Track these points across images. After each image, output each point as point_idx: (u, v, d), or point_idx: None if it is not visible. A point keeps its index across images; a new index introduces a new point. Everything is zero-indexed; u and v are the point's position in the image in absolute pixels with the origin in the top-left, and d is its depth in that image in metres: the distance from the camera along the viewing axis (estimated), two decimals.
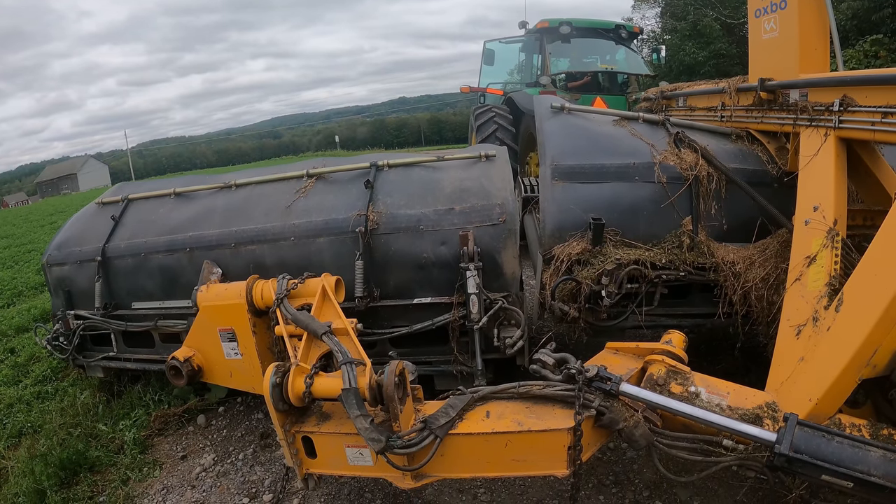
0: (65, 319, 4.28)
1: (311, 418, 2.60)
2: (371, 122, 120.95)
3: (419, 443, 2.27)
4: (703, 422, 2.23)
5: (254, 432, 4.08)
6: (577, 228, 3.51)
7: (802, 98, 3.43)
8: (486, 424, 2.38)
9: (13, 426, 4.52)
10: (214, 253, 3.85)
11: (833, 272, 2.62)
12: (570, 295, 3.45)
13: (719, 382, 2.48)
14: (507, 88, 11.11)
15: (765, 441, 2.08)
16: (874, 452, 1.95)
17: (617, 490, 3.22)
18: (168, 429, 4.28)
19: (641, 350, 2.77)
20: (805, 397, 2.29)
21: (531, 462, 2.37)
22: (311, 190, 3.99)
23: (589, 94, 9.38)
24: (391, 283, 3.62)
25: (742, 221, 3.64)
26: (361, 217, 3.60)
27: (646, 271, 3.40)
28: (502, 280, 3.50)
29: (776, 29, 3.69)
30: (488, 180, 3.69)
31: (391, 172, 3.96)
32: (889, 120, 2.74)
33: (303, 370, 2.47)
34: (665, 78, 14.56)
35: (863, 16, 18.19)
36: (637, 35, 11.07)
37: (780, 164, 3.77)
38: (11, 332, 7.05)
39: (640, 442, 2.32)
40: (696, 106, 5.12)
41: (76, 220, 4.80)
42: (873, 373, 2.24)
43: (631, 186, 3.64)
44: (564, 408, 2.38)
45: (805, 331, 2.52)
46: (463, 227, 3.47)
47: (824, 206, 2.88)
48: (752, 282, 3.31)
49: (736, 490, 3.04)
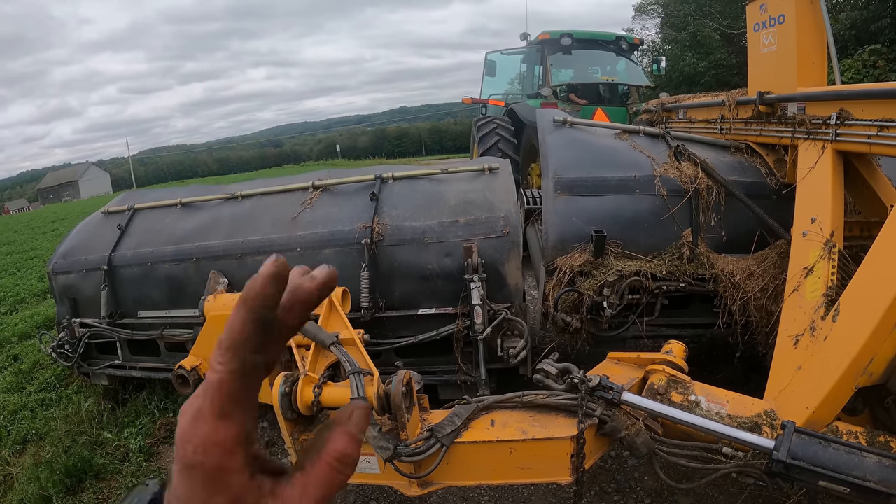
0: (70, 327, 4.32)
1: (318, 427, 2.64)
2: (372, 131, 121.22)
3: (426, 451, 2.31)
4: (703, 430, 2.27)
5: (259, 441, 4.10)
6: (580, 240, 3.56)
7: (800, 111, 3.49)
8: (491, 433, 2.42)
9: (17, 433, 4.55)
10: (221, 263, 3.90)
11: (830, 283, 2.67)
12: (573, 306, 3.50)
13: (719, 391, 2.52)
14: (508, 99, 11.19)
15: (763, 448, 2.12)
16: (870, 458, 1.99)
17: (619, 498, 3.26)
18: (173, 437, 4.30)
19: (642, 360, 2.81)
20: (803, 405, 2.33)
21: (535, 470, 2.40)
22: (317, 201, 4.05)
23: (590, 106, 9.46)
24: (396, 294, 3.67)
25: (741, 233, 3.70)
26: (367, 229, 3.65)
27: (647, 282, 3.45)
28: (506, 291, 3.55)
29: (774, 43, 3.75)
30: (492, 193, 3.75)
31: (396, 185, 4.02)
32: (885, 133, 2.79)
33: (311, 380, 2.51)
34: (665, 89, 14.66)
35: (861, 26, 18.32)
36: (637, 46, 11.17)
37: (779, 176, 3.82)
38: (15, 339, 7.07)
39: (642, 450, 2.36)
40: (696, 118, 5.18)
41: (82, 229, 4.85)
42: (870, 381, 2.28)
43: (632, 199, 3.69)
44: (567, 417, 2.42)
45: (802, 340, 2.57)
46: (467, 238, 3.52)
47: (821, 218, 2.93)
48: (751, 292, 3.36)
49: (736, 497, 3.08)
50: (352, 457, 0.51)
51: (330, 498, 0.50)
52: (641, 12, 30.77)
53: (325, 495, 0.49)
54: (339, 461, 0.50)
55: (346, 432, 0.51)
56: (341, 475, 0.50)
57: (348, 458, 0.50)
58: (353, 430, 0.52)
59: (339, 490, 0.51)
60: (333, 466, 0.50)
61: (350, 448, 0.51)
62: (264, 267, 0.47)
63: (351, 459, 0.50)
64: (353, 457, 0.51)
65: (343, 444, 0.50)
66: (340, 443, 0.51)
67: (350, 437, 0.51)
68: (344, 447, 0.50)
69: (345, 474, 0.50)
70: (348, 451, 0.50)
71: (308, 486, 0.49)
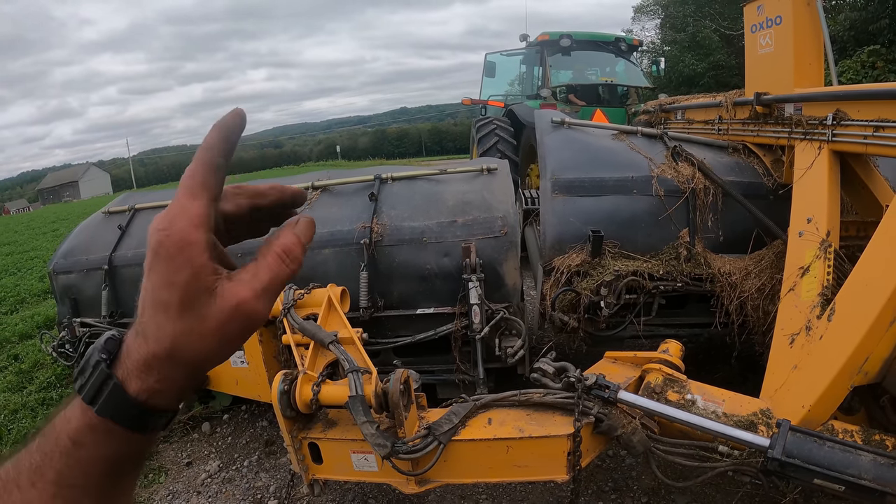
0: (71, 327, 4.34)
1: (317, 425, 2.66)
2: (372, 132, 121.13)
3: (423, 448, 2.33)
4: (699, 428, 2.29)
5: (258, 440, 4.13)
6: (577, 241, 3.57)
7: (797, 112, 3.51)
8: (488, 431, 2.44)
9: (18, 432, 4.56)
10: None
11: (826, 282, 2.69)
12: (570, 305, 3.51)
13: (715, 390, 2.54)
14: (508, 101, 11.21)
15: (759, 446, 2.13)
16: (865, 456, 2.01)
17: (616, 496, 3.28)
18: (173, 436, 4.33)
19: (639, 359, 2.83)
20: (798, 404, 2.35)
21: (532, 468, 2.42)
22: (317, 202, 4.07)
23: (589, 107, 9.48)
24: (395, 294, 3.69)
25: (738, 233, 3.71)
26: (366, 229, 3.67)
27: (644, 282, 3.46)
28: (504, 291, 3.57)
29: (771, 44, 3.77)
30: (490, 193, 3.77)
31: (395, 185, 4.03)
32: (881, 133, 2.81)
33: (310, 378, 2.52)
34: (664, 90, 14.68)
35: (860, 27, 18.36)
36: (637, 47, 11.19)
37: (776, 176, 3.83)
38: (15, 339, 7.08)
39: (638, 448, 2.38)
40: (694, 119, 5.20)
41: (82, 229, 4.86)
42: (865, 380, 2.30)
43: (629, 199, 3.71)
44: (564, 415, 2.44)
45: (798, 339, 2.59)
46: (465, 239, 3.54)
47: (818, 218, 2.95)
48: (747, 292, 3.38)
49: (732, 495, 3.09)
50: (295, 253, 0.60)
51: (276, 285, 0.58)
52: (641, 13, 30.86)
53: (272, 280, 0.58)
54: (286, 253, 0.59)
55: (293, 233, 0.62)
56: (286, 267, 0.59)
57: (292, 254, 0.60)
58: (298, 233, 0.62)
59: (285, 280, 0.59)
60: (280, 257, 0.59)
61: (294, 246, 0.60)
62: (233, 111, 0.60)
63: (294, 255, 0.60)
64: (295, 253, 0.60)
65: (289, 241, 0.60)
66: (287, 239, 0.61)
67: (295, 237, 0.61)
68: (289, 243, 0.60)
69: (290, 267, 0.60)
70: (292, 248, 0.60)
71: (259, 271, 0.58)
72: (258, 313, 0.56)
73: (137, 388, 0.54)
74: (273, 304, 0.59)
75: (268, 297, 0.57)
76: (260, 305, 0.56)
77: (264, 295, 0.57)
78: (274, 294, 0.58)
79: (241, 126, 0.60)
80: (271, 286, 0.57)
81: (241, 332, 0.57)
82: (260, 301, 0.56)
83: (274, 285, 0.58)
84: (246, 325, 0.56)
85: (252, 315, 0.56)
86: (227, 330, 0.55)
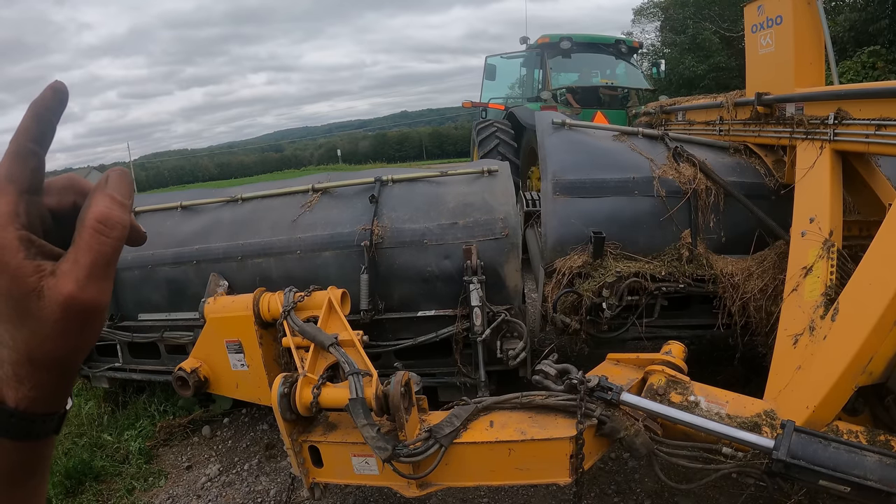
0: None
1: (317, 428, 2.65)
2: (373, 135, 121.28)
3: (424, 451, 2.31)
4: (703, 430, 2.27)
5: (258, 443, 4.11)
6: (579, 242, 3.56)
7: (798, 112, 3.49)
8: (490, 434, 2.42)
9: None
10: (221, 265, 3.90)
11: (829, 282, 2.67)
12: (572, 307, 3.50)
13: (718, 391, 2.52)
14: (508, 103, 11.20)
15: (763, 448, 2.12)
16: (870, 457, 1.99)
17: (619, 499, 3.25)
18: (173, 439, 4.31)
19: (642, 361, 2.81)
20: (802, 405, 2.33)
21: (534, 470, 2.40)
22: (317, 204, 4.05)
23: (590, 109, 9.46)
24: (396, 296, 3.67)
25: (740, 233, 3.70)
26: (366, 231, 3.65)
27: (646, 283, 3.45)
28: (505, 293, 3.56)
29: (772, 44, 3.77)
30: (491, 195, 3.75)
31: (395, 187, 4.02)
32: (882, 132, 2.80)
33: (310, 381, 2.51)
34: (665, 92, 14.65)
35: (860, 27, 18.34)
36: (637, 49, 11.18)
37: (778, 176, 3.82)
38: None
39: (641, 450, 2.36)
40: (695, 120, 5.19)
41: None
42: (869, 380, 2.28)
43: (631, 200, 3.69)
44: (566, 417, 2.42)
45: (802, 340, 2.57)
46: (466, 241, 3.53)
47: (820, 218, 2.94)
48: (750, 293, 3.36)
49: (736, 497, 3.07)
50: (113, 218, 0.51)
51: (102, 264, 0.51)
52: (641, 16, 30.82)
53: (95, 261, 0.50)
54: (102, 223, 0.51)
55: (105, 195, 0.52)
56: (107, 238, 0.51)
57: (111, 220, 0.51)
58: (111, 192, 0.53)
59: (112, 254, 0.52)
60: (96, 229, 0.51)
61: (110, 209, 0.52)
62: (49, 84, 0.53)
63: (114, 221, 0.51)
64: (114, 217, 0.52)
65: (103, 206, 0.52)
66: (100, 205, 0.52)
67: (110, 199, 0.52)
68: (103, 209, 0.51)
69: (111, 237, 0.51)
70: (108, 213, 0.51)
71: (78, 255, 0.50)
72: (92, 302, 0.50)
73: (14, 398, 0.51)
74: (111, 282, 0.53)
75: (97, 280, 0.51)
76: (90, 294, 0.50)
77: (92, 281, 0.50)
78: (104, 274, 0.51)
79: (58, 101, 0.53)
80: (96, 268, 0.50)
81: (84, 326, 0.51)
82: (89, 289, 0.50)
83: (99, 265, 0.51)
84: (85, 318, 0.51)
85: (86, 307, 0.50)
86: (67, 328, 0.50)
